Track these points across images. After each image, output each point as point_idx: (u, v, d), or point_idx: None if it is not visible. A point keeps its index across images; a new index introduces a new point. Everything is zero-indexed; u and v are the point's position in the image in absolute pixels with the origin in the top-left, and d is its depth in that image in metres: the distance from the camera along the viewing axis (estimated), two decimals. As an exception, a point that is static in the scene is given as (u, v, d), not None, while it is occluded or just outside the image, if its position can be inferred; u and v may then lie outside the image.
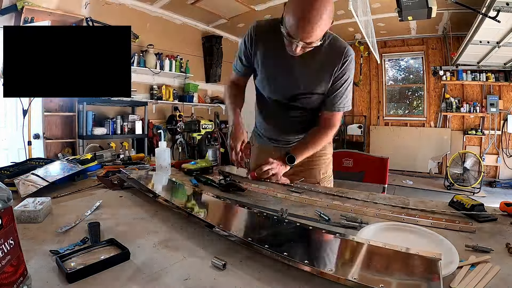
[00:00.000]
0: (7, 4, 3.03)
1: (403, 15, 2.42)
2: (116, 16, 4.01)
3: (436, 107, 5.86)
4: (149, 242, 0.67)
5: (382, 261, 0.53)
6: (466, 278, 0.51)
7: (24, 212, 0.76)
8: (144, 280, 0.52)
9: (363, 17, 3.08)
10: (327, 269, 0.50)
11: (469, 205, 0.84)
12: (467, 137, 5.58)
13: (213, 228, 0.69)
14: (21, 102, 2.86)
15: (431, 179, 5.64)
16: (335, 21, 4.05)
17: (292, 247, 0.61)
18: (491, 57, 4.51)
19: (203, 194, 0.97)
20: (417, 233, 0.70)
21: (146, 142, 4.16)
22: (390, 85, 6.54)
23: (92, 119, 3.59)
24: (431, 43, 5.79)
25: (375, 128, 6.35)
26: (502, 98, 5.28)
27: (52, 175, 1.15)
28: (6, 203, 0.44)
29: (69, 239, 0.67)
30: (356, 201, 0.98)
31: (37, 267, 0.55)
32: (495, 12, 2.82)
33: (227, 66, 5.84)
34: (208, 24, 5.44)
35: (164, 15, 4.78)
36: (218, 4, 4.48)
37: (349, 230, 0.74)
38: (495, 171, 5.44)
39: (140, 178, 1.12)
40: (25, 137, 2.90)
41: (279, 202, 0.99)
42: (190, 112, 5.18)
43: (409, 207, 0.91)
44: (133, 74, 4.12)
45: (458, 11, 4.24)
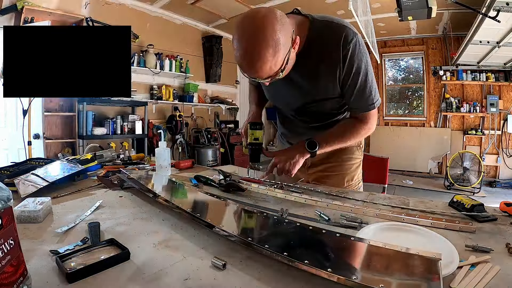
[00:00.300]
0: (7, 4, 3.02)
1: (403, 15, 2.42)
2: (116, 16, 4.01)
3: (436, 107, 5.86)
4: (149, 242, 0.67)
5: (382, 261, 0.53)
6: (466, 278, 0.51)
7: (24, 212, 0.76)
8: (144, 280, 0.52)
9: (363, 17, 3.08)
10: (327, 269, 0.50)
11: (469, 205, 0.84)
12: (467, 137, 5.58)
13: (213, 228, 0.69)
14: (21, 102, 2.86)
15: (431, 179, 5.64)
16: (335, 21, 3.87)
17: (292, 247, 0.61)
18: (491, 57, 4.51)
19: (203, 194, 0.97)
20: (417, 233, 0.70)
21: (146, 142, 4.16)
22: (390, 85, 6.54)
23: (92, 119, 3.59)
24: (431, 43, 5.79)
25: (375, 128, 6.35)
26: (502, 98, 5.28)
27: (52, 175, 1.15)
28: (6, 203, 0.44)
29: (69, 239, 0.67)
30: (356, 201, 0.98)
31: (37, 267, 0.55)
32: (495, 12, 2.82)
33: (227, 66, 5.85)
34: (208, 24, 5.44)
35: (164, 15, 4.78)
36: (218, 4, 4.48)
37: (349, 230, 0.74)
38: (495, 171, 5.44)
39: (140, 178, 1.12)
40: (25, 137, 2.90)
41: (279, 202, 0.99)
42: (190, 112, 5.18)
43: (409, 207, 0.91)
44: (133, 74, 4.12)
45: (458, 11, 4.24)
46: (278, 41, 0.77)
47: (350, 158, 1.23)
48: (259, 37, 0.76)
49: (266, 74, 0.82)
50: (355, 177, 1.26)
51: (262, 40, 0.76)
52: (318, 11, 1.08)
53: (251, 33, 0.77)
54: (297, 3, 4.35)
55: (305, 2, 4.36)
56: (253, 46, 0.76)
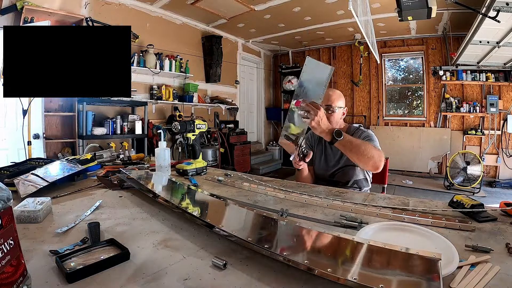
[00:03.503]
0: (7, 4, 3.02)
1: (403, 15, 2.41)
2: (116, 16, 4.01)
3: (436, 107, 5.86)
4: (149, 242, 0.67)
5: (382, 261, 0.53)
6: (466, 278, 0.51)
7: (24, 212, 0.76)
8: (144, 280, 0.52)
9: (363, 17, 3.08)
10: (327, 269, 0.50)
11: (469, 205, 0.84)
12: (467, 137, 5.57)
13: (213, 228, 0.69)
14: (21, 102, 2.86)
15: (431, 179, 5.63)
16: (335, 21, 4.04)
17: (292, 247, 0.61)
18: (491, 57, 4.51)
19: (203, 194, 0.97)
20: (417, 233, 0.70)
21: (146, 142, 4.16)
22: (390, 85, 6.53)
23: (92, 119, 3.59)
24: (431, 43, 5.78)
25: (375, 128, 6.35)
26: (502, 98, 5.27)
27: (52, 175, 1.15)
28: (6, 203, 0.44)
29: (69, 239, 0.67)
30: (356, 201, 0.98)
31: (37, 267, 0.55)
32: (495, 12, 2.82)
33: (227, 66, 5.85)
34: (208, 24, 5.43)
35: (164, 15, 4.78)
36: (218, 4, 4.48)
37: (349, 230, 0.74)
38: (495, 171, 5.44)
39: (140, 178, 1.12)
40: (25, 137, 2.90)
41: (279, 202, 0.99)
42: (190, 112, 5.18)
43: (409, 207, 0.91)
44: (133, 74, 4.12)
45: (458, 11, 4.24)
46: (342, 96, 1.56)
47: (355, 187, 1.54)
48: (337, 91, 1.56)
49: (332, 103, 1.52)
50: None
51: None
52: (318, 11, 1.13)
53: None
54: (297, 3, 4.39)
55: (305, 2, 4.37)
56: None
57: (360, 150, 1.22)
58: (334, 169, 1.55)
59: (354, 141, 1.23)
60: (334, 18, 4.97)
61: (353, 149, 1.22)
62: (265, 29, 5.66)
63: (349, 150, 1.23)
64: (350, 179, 1.52)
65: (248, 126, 6.67)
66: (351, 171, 1.51)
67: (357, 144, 1.23)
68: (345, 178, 1.52)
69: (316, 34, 5.91)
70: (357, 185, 1.53)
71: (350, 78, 6.58)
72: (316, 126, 1.12)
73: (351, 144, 1.22)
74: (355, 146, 1.22)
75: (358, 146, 1.23)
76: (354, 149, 1.22)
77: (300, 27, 5.52)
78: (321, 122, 1.12)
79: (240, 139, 5.65)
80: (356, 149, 1.22)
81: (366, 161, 1.23)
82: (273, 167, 6.62)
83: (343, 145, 1.21)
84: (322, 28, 5.52)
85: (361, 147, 1.23)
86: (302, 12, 4.72)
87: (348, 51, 6.61)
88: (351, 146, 1.22)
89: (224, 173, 1.47)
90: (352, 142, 1.22)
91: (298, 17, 4.94)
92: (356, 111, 6.55)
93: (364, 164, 1.26)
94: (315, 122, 1.11)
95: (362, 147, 1.23)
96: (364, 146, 1.24)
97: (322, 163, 1.59)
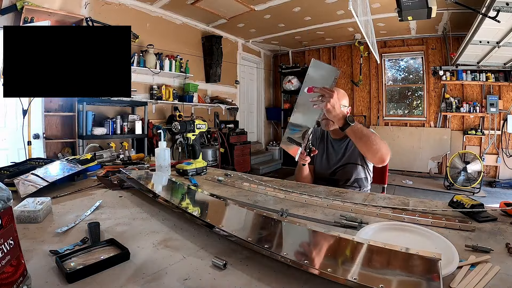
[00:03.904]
0: (7, 4, 3.02)
1: (403, 15, 2.41)
2: (116, 16, 4.01)
3: (436, 107, 5.85)
4: (149, 242, 0.67)
5: (382, 261, 0.53)
6: (466, 278, 0.51)
7: (24, 212, 0.76)
8: (144, 280, 0.52)
9: (363, 17, 3.08)
10: (327, 269, 0.50)
11: (469, 205, 0.84)
12: (467, 137, 5.57)
13: (213, 228, 0.69)
14: (21, 102, 2.86)
15: (431, 179, 5.63)
16: (335, 21, 4.04)
17: (292, 247, 0.61)
18: (491, 57, 4.50)
19: (203, 194, 0.97)
20: (417, 233, 0.70)
21: (146, 142, 4.16)
22: (390, 85, 6.53)
23: (92, 119, 3.59)
24: (431, 43, 5.78)
25: (375, 128, 6.34)
26: (502, 98, 5.27)
27: (52, 175, 1.15)
28: (5, 203, 0.44)
29: (69, 239, 0.67)
30: (356, 201, 0.98)
31: (37, 267, 0.55)
32: (495, 12, 2.82)
33: (227, 66, 5.84)
34: (208, 24, 5.43)
35: (164, 15, 4.78)
36: (218, 4, 4.48)
37: (349, 230, 0.74)
38: (495, 171, 5.44)
39: (140, 178, 1.12)
40: (25, 137, 2.90)
41: (279, 202, 0.99)
42: (190, 112, 5.17)
43: (409, 207, 0.91)
44: (133, 74, 4.11)
45: (458, 11, 4.24)
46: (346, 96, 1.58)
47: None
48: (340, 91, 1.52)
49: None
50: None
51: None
52: (318, 11, 1.14)
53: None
54: (297, 3, 4.39)
55: (305, 2, 4.36)
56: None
57: (370, 139, 1.23)
58: (336, 166, 1.55)
59: (364, 130, 1.24)
60: (334, 18, 4.98)
61: (363, 138, 1.22)
62: (265, 29, 5.66)
63: (359, 138, 1.23)
64: (351, 177, 1.51)
65: (248, 126, 6.66)
66: (353, 169, 1.51)
67: (367, 133, 1.23)
68: (346, 176, 1.52)
69: (316, 34, 5.91)
70: (358, 184, 1.53)
71: (350, 78, 6.58)
72: (331, 109, 1.12)
73: (362, 132, 1.22)
74: (365, 135, 1.22)
75: (368, 135, 1.23)
76: (364, 138, 1.22)
77: (300, 27, 5.52)
78: (336, 106, 1.13)
79: (240, 139, 5.65)
80: (366, 138, 1.22)
81: (374, 151, 1.24)
82: (273, 167, 6.62)
83: (354, 131, 1.21)
84: (322, 28, 5.52)
85: (371, 137, 1.23)
86: (302, 12, 4.72)
87: (348, 51, 6.61)
88: (361, 134, 1.22)
89: (224, 173, 1.47)
90: (362, 131, 1.23)
91: (298, 17, 4.94)
92: (356, 111, 6.55)
93: (372, 155, 1.27)
94: (331, 104, 1.10)
95: (372, 137, 1.23)
96: (374, 136, 1.24)
97: (324, 161, 1.60)
